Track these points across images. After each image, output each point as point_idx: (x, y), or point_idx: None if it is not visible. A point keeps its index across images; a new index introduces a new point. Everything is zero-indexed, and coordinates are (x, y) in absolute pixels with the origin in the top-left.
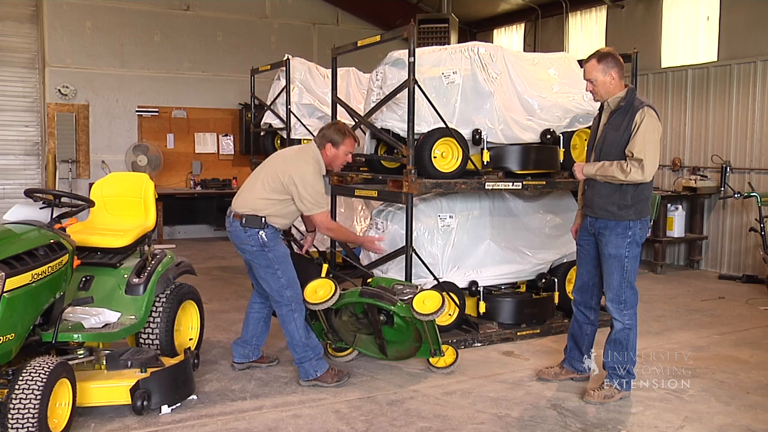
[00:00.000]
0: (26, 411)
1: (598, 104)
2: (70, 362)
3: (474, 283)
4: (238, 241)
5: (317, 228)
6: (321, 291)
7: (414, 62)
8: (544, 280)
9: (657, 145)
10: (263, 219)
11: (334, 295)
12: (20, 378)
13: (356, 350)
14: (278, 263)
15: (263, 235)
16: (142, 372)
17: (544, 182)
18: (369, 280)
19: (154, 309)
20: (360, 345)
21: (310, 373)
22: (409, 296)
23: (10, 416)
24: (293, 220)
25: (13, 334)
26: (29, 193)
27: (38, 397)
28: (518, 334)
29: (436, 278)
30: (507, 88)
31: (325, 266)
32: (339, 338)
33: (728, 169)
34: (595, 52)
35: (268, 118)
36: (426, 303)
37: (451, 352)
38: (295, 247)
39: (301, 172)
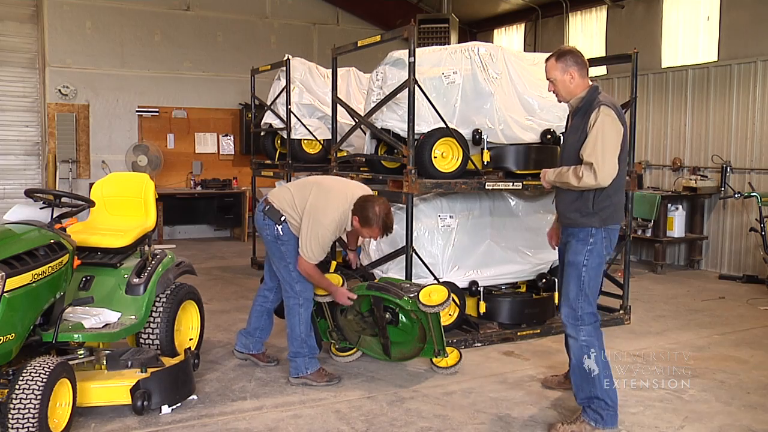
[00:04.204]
0: (26, 411)
1: None
2: (71, 362)
3: (474, 283)
4: (258, 225)
5: (297, 265)
6: None
7: (414, 62)
8: (544, 280)
9: (613, 147)
10: (282, 217)
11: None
12: (20, 378)
13: (360, 351)
14: (291, 257)
15: (279, 229)
16: (142, 372)
17: None
18: (376, 280)
19: (155, 309)
20: (364, 346)
21: (301, 370)
22: (415, 293)
23: (10, 416)
24: None
25: (13, 334)
26: (29, 193)
27: (38, 397)
28: (518, 334)
29: (436, 278)
30: (507, 88)
31: (333, 263)
32: (343, 337)
33: (728, 169)
34: (555, 51)
35: (269, 118)
36: (432, 296)
37: (455, 354)
38: None
39: (319, 220)
